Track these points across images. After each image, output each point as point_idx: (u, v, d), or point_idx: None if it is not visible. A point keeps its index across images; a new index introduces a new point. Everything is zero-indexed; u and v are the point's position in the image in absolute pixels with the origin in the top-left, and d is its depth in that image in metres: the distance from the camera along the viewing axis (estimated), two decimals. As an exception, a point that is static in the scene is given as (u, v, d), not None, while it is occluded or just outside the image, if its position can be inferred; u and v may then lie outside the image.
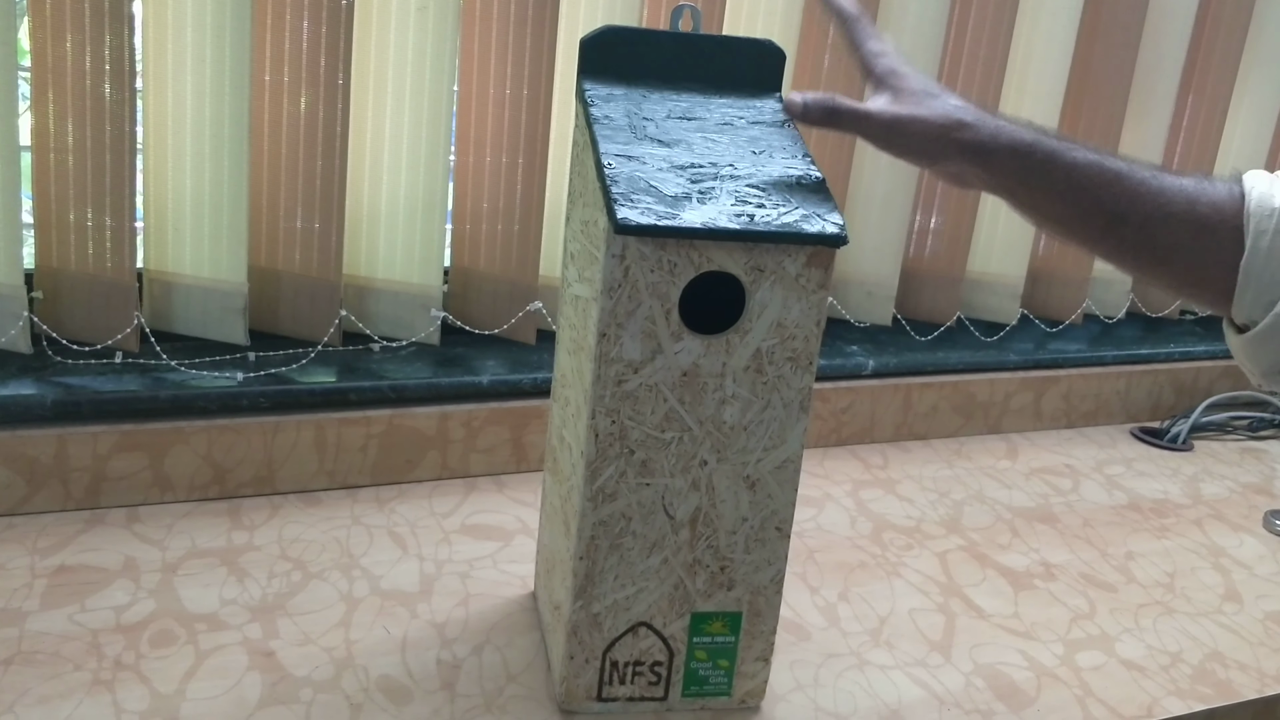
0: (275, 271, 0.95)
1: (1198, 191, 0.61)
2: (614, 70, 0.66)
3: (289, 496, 0.88)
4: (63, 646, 0.67)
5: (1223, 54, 1.30)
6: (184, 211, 0.91)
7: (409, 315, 0.99)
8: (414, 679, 0.67)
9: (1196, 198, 0.61)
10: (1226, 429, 1.25)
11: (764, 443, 0.60)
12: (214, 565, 0.77)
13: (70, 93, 0.84)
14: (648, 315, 0.57)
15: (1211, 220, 0.61)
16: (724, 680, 0.66)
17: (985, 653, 0.76)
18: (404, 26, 0.92)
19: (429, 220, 0.96)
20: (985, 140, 0.62)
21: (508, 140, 0.96)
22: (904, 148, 0.63)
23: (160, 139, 0.90)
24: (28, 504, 0.81)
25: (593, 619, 0.63)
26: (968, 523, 0.96)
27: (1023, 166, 0.62)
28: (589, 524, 0.60)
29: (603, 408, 0.58)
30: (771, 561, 0.63)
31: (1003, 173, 0.63)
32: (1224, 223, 0.61)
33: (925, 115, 0.62)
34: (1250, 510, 1.05)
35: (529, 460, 0.96)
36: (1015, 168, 0.62)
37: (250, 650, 0.68)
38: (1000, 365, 1.17)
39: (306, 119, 0.91)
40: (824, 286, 0.58)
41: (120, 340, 0.89)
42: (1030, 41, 1.18)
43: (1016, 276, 1.25)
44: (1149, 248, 0.62)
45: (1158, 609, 0.84)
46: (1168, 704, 0.72)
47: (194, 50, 0.87)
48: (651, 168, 0.59)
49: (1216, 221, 0.61)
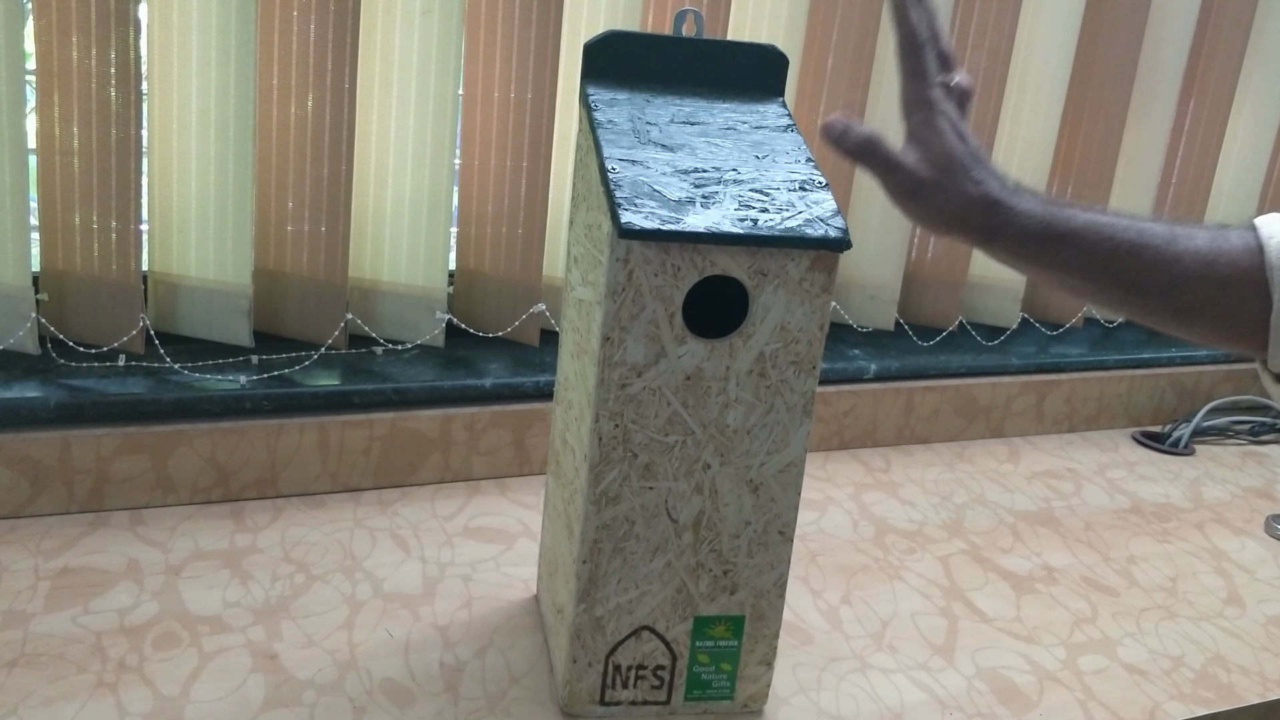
0: (281, 274, 0.95)
1: (1214, 252, 0.61)
2: (618, 74, 0.66)
3: (292, 499, 0.88)
4: (66, 649, 0.67)
5: (1224, 55, 1.30)
6: (189, 214, 0.91)
7: (414, 317, 0.99)
8: (417, 681, 0.67)
9: (1214, 259, 0.61)
10: (1228, 433, 1.25)
11: (767, 446, 0.61)
12: (217, 567, 0.77)
13: (76, 95, 0.84)
14: (651, 319, 0.57)
15: (1232, 279, 0.61)
16: (726, 684, 0.66)
17: (987, 656, 0.76)
18: (409, 29, 0.92)
19: (434, 222, 0.96)
20: (993, 227, 0.61)
21: (512, 143, 0.97)
22: (918, 212, 0.62)
23: (165, 142, 0.90)
24: (32, 506, 0.81)
25: (595, 622, 0.63)
26: (970, 526, 0.96)
27: (1032, 250, 0.62)
28: (592, 527, 0.60)
29: (606, 411, 0.58)
30: (774, 565, 0.63)
31: (1014, 254, 0.63)
32: (1245, 278, 0.61)
33: (945, 188, 0.61)
34: (1252, 514, 1.05)
35: (532, 463, 0.97)
36: (1025, 251, 0.62)
37: (253, 652, 0.68)
38: (1002, 369, 1.17)
39: (312, 122, 0.91)
40: (827, 290, 0.58)
41: (125, 342, 0.89)
42: (1031, 43, 1.18)
43: (1017, 280, 1.25)
44: (1171, 311, 0.63)
45: (1159, 613, 0.84)
46: (1170, 708, 0.72)
47: (199, 53, 0.87)
48: (655, 172, 0.59)
49: (1237, 279, 0.61)
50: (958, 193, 0.61)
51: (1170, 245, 0.61)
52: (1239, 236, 0.62)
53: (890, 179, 0.62)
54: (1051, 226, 0.61)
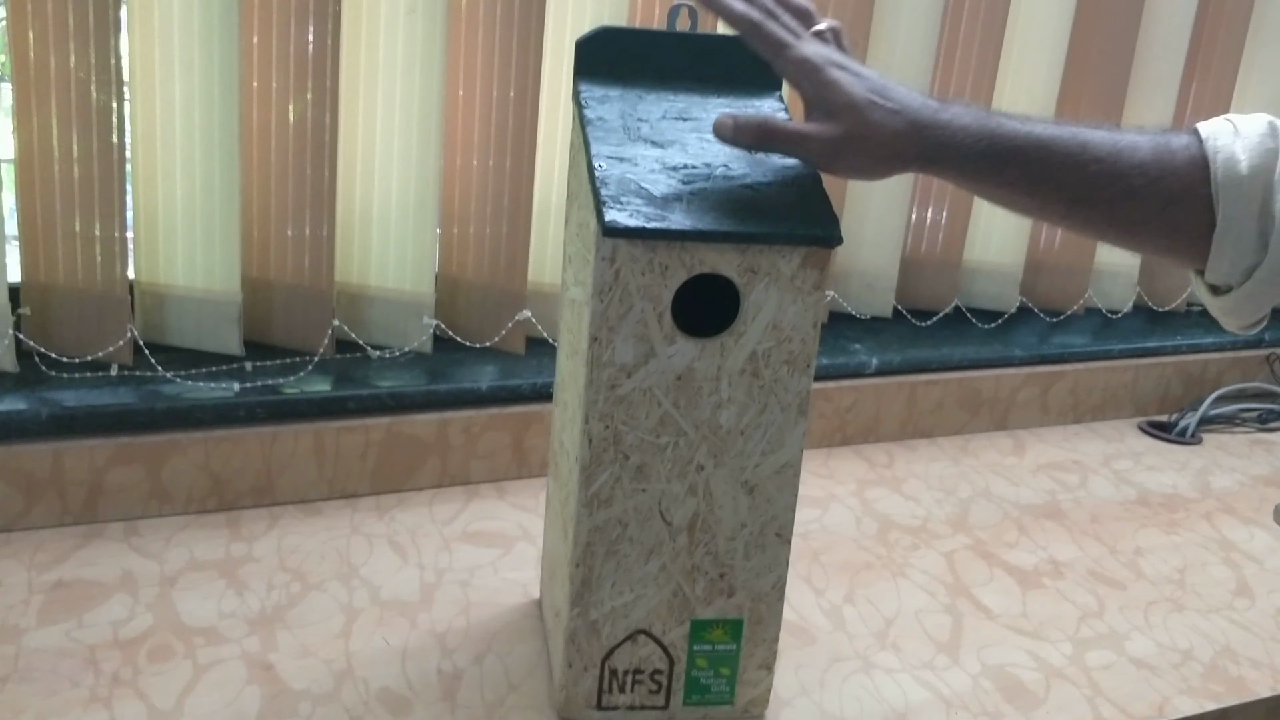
0: (268, 281, 0.94)
1: (1159, 167, 0.60)
2: (610, 71, 0.65)
3: (288, 506, 0.87)
4: (60, 663, 0.66)
5: (1227, 35, 1.29)
6: (175, 221, 0.91)
7: (401, 322, 0.98)
8: (414, 690, 0.66)
9: (1159, 175, 0.60)
10: (1235, 421, 1.24)
11: (762, 447, 0.60)
12: (213, 577, 0.77)
13: (55, 100, 0.83)
14: (639, 318, 0.56)
15: (1177, 193, 0.60)
16: (726, 688, 0.65)
17: (993, 653, 0.75)
18: (393, 30, 0.91)
19: (420, 224, 0.95)
20: (930, 150, 0.59)
21: (494, 142, 0.95)
22: (848, 169, 0.60)
23: (149, 147, 0.89)
24: (25, 519, 0.81)
25: (590, 626, 0.62)
26: (974, 521, 0.95)
27: (975, 168, 0.60)
28: (585, 530, 0.60)
29: (596, 412, 0.57)
30: (772, 567, 0.62)
31: (956, 175, 0.61)
32: (1190, 193, 0.60)
33: (865, 134, 0.58)
34: (1260, 503, 1.04)
35: (530, 465, 0.96)
36: (967, 169, 0.60)
37: (249, 663, 0.68)
38: (1005, 360, 1.16)
39: (296, 124, 0.90)
40: (820, 287, 0.57)
41: (114, 353, 0.89)
42: (1026, 27, 1.17)
43: (1015, 264, 1.24)
44: (1113, 225, 0.62)
45: (1168, 605, 0.83)
46: (1179, 703, 0.71)
47: (182, 56, 0.86)
48: (643, 169, 0.58)
49: (1182, 193, 0.60)
50: (878, 131, 0.58)
51: (1114, 158, 0.60)
52: (1184, 149, 0.61)
53: (804, 149, 0.59)
54: (994, 143, 0.60)
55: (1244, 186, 0.59)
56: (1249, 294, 0.61)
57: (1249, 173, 0.59)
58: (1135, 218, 0.61)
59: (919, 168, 0.61)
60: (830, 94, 0.58)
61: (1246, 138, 0.60)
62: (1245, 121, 0.62)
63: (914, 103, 0.59)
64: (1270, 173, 0.59)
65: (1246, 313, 0.62)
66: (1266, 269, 0.60)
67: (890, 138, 0.58)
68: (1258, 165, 0.59)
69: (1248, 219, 0.59)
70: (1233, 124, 0.62)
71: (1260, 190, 0.59)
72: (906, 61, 1.11)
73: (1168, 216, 0.61)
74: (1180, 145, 0.61)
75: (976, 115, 0.60)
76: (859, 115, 0.58)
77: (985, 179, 0.61)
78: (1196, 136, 0.62)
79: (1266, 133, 0.61)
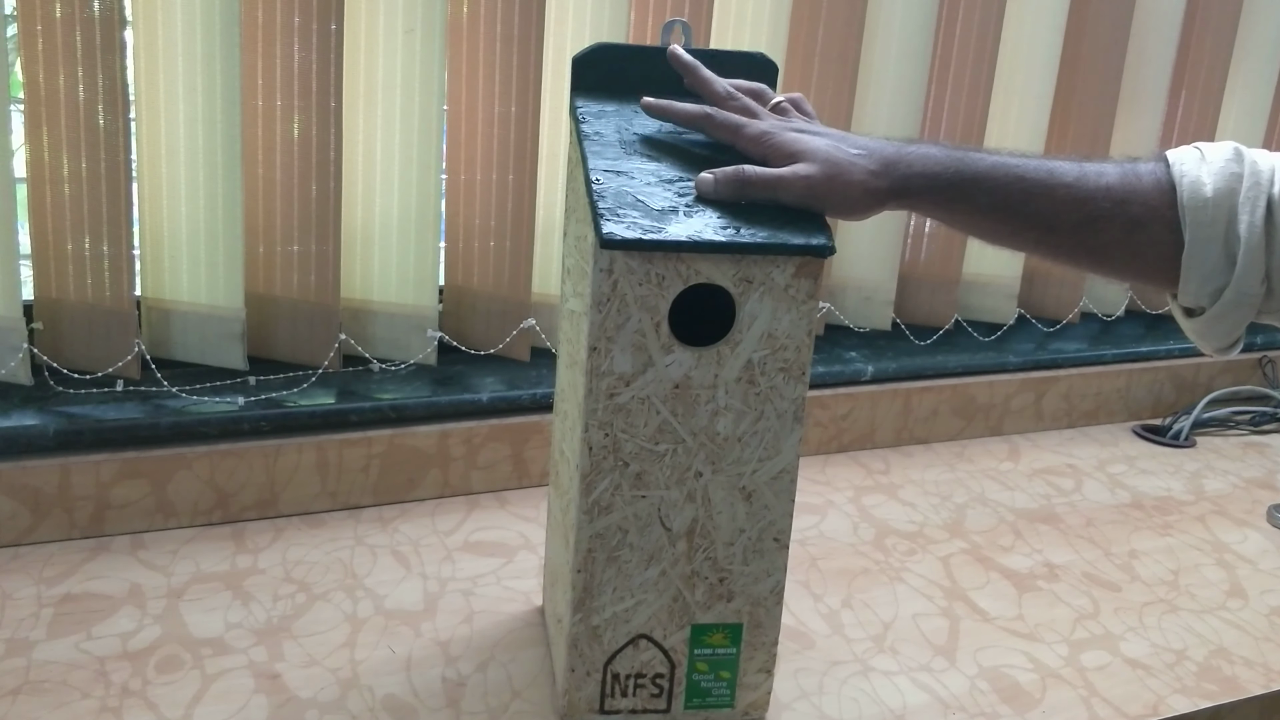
0: (272, 297, 0.96)
1: (1125, 190, 0.62)
2: (606, 87, 0.67)
3: (292, 519, 0.88)
4: (70, 675, 0.67)
5: (1213, 49, 1.31)
6: (180, 239, 0.92)
7: (405, 336, 0.99)
8: (419, 698, 0.67)
9: (1126, 198, 0.62)
10: (1229, 424, 1.25)
11: (758, 454, 0.61)
12: (218, 589, 0.78)
13: (64, 124, 0.84)
14: (637, 328, 0.57)
15: (1144, 218, 0.62)
16: (726, 692, 0.66)
17: (989, 656, 0.76)
18: (392, 49, 0.93)
19: (422, 240, 0.97)
20: (901, 182, 0.61)
21: (498, 158, 0.97)
22: (826, 209, 0.61)
23: (154, 167, 0.90)
24: (33, 534, 0.82)
25: (592, 631, 0.63)
26: (970, 525, 0.96)
27: (946, 196, 0.62)
28: (585, 537, 0.61)
29: (595, 421, 0.58)
30: (770, 573, 0.63)
31: (930, 206, 0.63)
32: (1157, 217, 0.62)
33: (836, 173, 0.60)
34: (1253, 505, 1.05)
35: (530, 475, 0.97)
36: (940, 199, 0.62)
37: (256, 673, 0.68)
38: (1000, 366, 1.17)
39: (299, 143, 0.91)
40: (813, 296, 0.58)
41: (121, 368, 0.90)
42: (1017, 43, 1.18)
43: (1012, 277, 1.25)
44: (1083, 250, 0.63)
45: (1162, 607, 0.84)
46: (1173, 702, 0.72)
47: (185, 78, 0.88)
48: (639, 182, 0.59)
49: (1149, 218, 0.62)
50: (849, 170, 0.61)
51: (1081, 183, 0.62)
52: (1150, 173, 0.63)
53: (782, 192, 0.60)
54: (962, 172, 0.61)
55: (1209, 209, 0.61)
56: (1219, 315, 0.62)
57: (1214, 195, 0.61)
58: (1104, 240, 0.63)
59: (894, 202, 0.62)
60: (795, 150, 0.61)
61: (1212, 163, 0.62)
62: (1212, 149, 0.63)
63: (879, 145, 0.63)
64: (1235, 195, 0.61)
65: (1219, 335, 0.63)
66: (1234, 290, 0.61)
67: (862, 175, 0.61)
68: (1222, 188, 0.61)
69: (1213, 241, 0.61)
70: (1200, 151, 0.63)
71: (1225, 212, 0.61)
72: (898, 87, 1.13)
73: (1136, 239, 0.62)
74: (1147, 170, 0.63)
75: (944, 148, 0.63)
76: (827, 158, 0.60)
77: (956, 207, 0.63)
78: (1164, 162, 0.63)
79: (1232, 157, 0.62)
